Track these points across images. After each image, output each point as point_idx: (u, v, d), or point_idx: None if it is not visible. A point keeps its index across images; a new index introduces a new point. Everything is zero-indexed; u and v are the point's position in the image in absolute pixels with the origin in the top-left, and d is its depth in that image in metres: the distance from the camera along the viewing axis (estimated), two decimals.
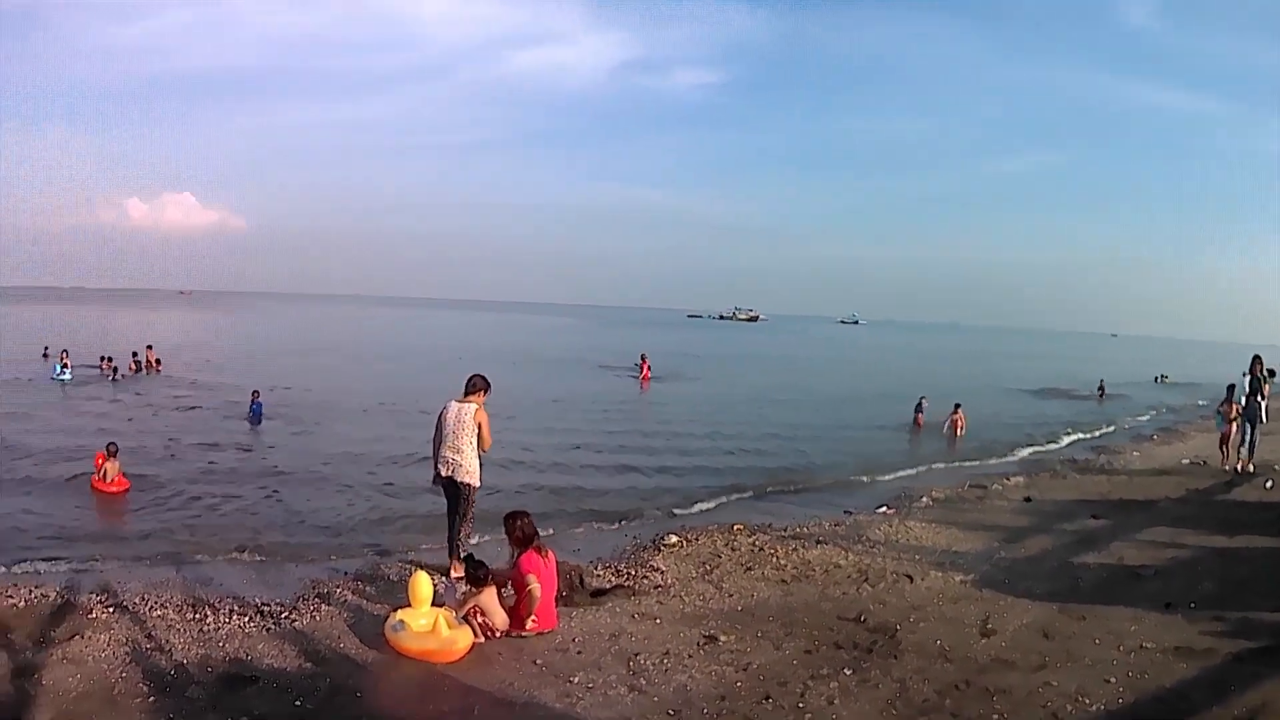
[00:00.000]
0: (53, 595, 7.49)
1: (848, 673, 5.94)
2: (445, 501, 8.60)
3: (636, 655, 6.29)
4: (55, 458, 14.59)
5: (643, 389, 32.36)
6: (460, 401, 8.38)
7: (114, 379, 26.74)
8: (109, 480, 12.49)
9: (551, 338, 76.17)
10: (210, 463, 15.08)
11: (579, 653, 6.41)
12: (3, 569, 8.69)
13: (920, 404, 22.72)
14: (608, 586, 8.06)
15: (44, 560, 9.28)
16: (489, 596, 6.75)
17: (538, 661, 6.24)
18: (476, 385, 8.43)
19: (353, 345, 52.40)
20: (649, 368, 35.04)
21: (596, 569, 8.62)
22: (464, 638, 6.39)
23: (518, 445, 14.86)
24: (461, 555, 8.20)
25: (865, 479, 15.22)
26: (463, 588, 7.27)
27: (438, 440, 8.43)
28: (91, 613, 7.10)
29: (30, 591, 7.54)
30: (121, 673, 5.97)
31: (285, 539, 10.62)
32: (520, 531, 7.05)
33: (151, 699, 5.61)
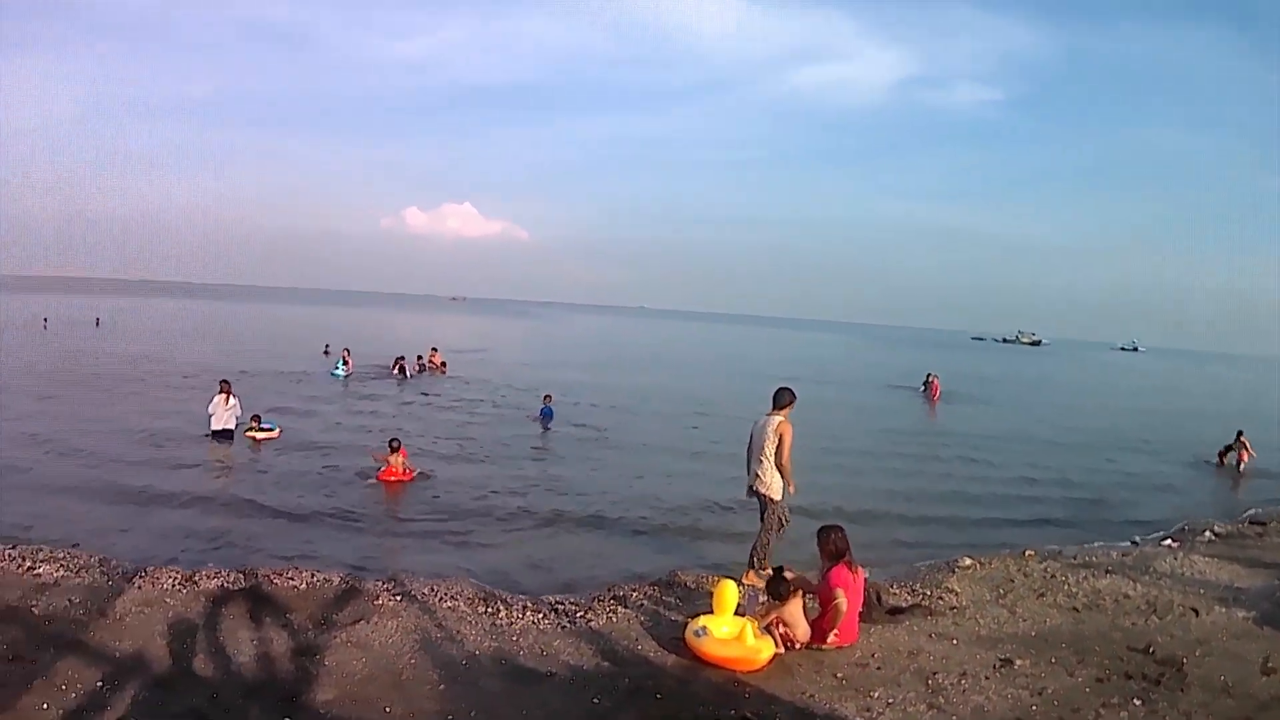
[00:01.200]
0: (336, 581, 7.75)
1: (1137, 703, 5.99)
2: (757, 512, 8.75)
3: (934, 674, 6.33)
4: (340, 450, 15.09)
5: (932, 409, 31.61)
6: (768, 415, 8.48)
7: (401, 379, 27.58)
8: (394, 473, 12.76)
9: (832, 355, 75.74)
10: (498, 461, 15.37)
11: (878, 669, 6.44)
12: (283, 555, 9.08)
13: (1236, 441, 20.23)
14: (904, 605, 7.94)
15: (326, 545, 9.69)
16: (794, 608, 6.75)
17: (838, 675, 6.28)
18: (783, 398, 8.49)
19: (635, 356, 54.41)
20: (939, 387, 34.20)
21: (892, 587, 8.58)
22: (767, 648, 6.38)
23: (813, 461, 14.13)
24: (760, 567, 8.30)
25: (1152, 511, 14.51)
26: (762, 598, 7.28)
27: (749, 453, 8.64)
28: (378, 599, 7.29)
29: (312, 576, 7.83)
30: (410, 659, 6.09)
31: (577, 538, 10.75)
32: (833, 545, 7.03)
33: (442, 687, 5.69)
